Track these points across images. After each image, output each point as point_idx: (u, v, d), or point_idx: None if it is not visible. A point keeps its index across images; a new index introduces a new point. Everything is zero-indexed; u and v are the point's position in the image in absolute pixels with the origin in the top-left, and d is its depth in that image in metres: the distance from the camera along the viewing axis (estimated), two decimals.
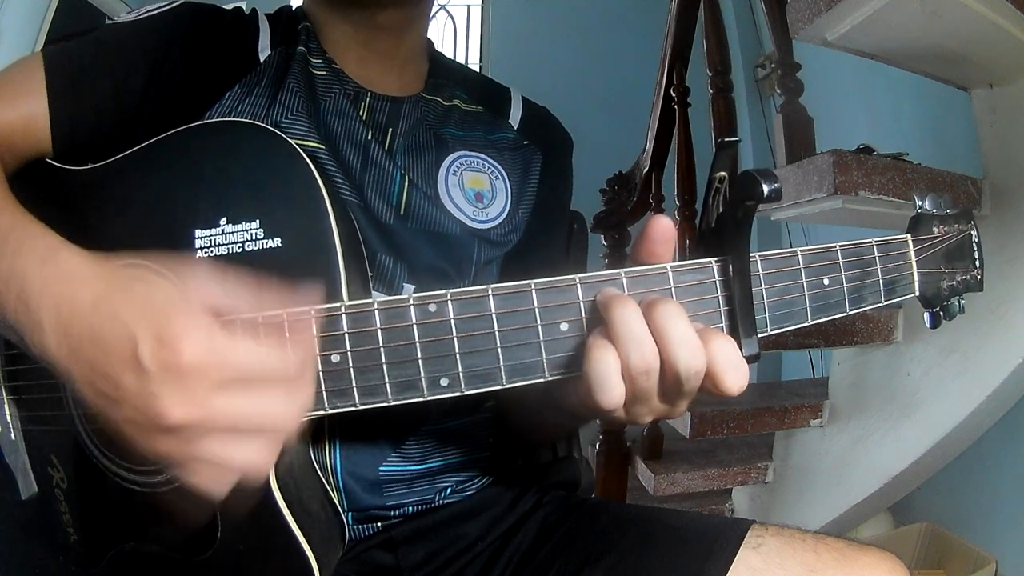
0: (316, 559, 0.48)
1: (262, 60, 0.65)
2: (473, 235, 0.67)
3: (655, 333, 0.41)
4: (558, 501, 0.71)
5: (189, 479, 0.38)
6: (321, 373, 0.45)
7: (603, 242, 1.88)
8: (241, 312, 0.40)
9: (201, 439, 0.37)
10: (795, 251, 0.47)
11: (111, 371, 0.38)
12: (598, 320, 0.43)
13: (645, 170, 1.85)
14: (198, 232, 0.49)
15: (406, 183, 0.65)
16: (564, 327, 0.44)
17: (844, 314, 0.49)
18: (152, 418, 0.37)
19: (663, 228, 0.44)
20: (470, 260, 0.67)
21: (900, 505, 1.67)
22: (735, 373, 0.41)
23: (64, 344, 0.39)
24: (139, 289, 0.39)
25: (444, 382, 0.44)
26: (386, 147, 0.66)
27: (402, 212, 0.64)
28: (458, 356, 0.44)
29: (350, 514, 0.62)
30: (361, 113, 0.66)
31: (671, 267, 0.45)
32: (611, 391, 0.40)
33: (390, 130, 0.68)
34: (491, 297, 0.44)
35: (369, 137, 0.64)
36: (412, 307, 0.44)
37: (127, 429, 0.38)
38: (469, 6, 3.96)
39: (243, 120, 0.54)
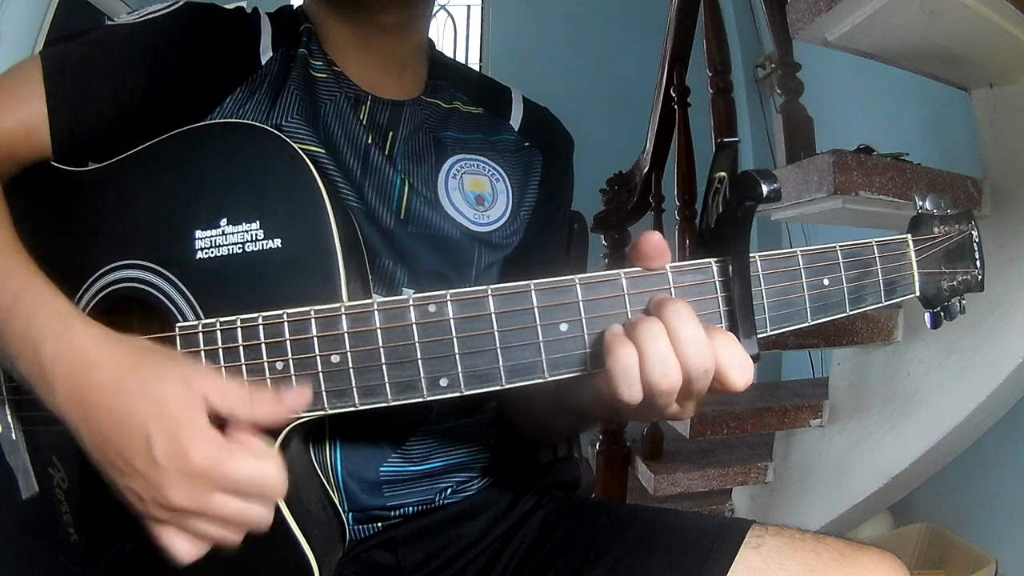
0: (316, 559, 0.48)
1: (263, 62, 0.65)
2: (474, 239, 0.67)
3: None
4: (558, 501, 0.71)
5: (166, 542, 0.44)
6: (321, 373, 0.45)
7: (603, 242, 1.88)
8: (234, 410, 0.43)
9: (189, 519, 0.43)
10: (795, 251, 0.47)
11: (126, 453, 0.43)
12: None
13: (645, 170, 1.85)
14: (198, 233, 0.49)
15: (406, 188, 0.65)
16: (564, 327, 0.44)
17: (844, 314, 0.49)
18: (156, 498, 0.42)
19: (654, 244, 0.45)
20: (470, 264, 0.67)
21: (900, 505, 1.67)
22: (739, 369, 0.42)
23: (77, 412, 0.44)
24: (152, 386, 0.43)
25: (443, 382, 0.44)
26: (386, 152, 0.66)
27: (402, 216, 0.64)
28: (457, 356, 0.44)
29: (350, 514, 0.62)
30: (361, 117, 0.66)
31: (671, 267, 0.45)
32: (634, 384, 0.42)
33: (390, 134, 0.67)
34: (490, 297, 0.44)
35: (369, 142, 0.64)
36: (412, 307, 0.44)
37: (128, 494, 0.44)
38: (469, 6, 3.95)
39: (244, 122, 0.54)
